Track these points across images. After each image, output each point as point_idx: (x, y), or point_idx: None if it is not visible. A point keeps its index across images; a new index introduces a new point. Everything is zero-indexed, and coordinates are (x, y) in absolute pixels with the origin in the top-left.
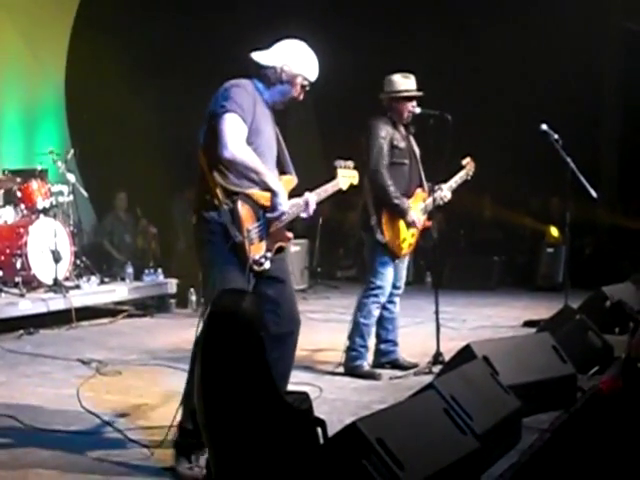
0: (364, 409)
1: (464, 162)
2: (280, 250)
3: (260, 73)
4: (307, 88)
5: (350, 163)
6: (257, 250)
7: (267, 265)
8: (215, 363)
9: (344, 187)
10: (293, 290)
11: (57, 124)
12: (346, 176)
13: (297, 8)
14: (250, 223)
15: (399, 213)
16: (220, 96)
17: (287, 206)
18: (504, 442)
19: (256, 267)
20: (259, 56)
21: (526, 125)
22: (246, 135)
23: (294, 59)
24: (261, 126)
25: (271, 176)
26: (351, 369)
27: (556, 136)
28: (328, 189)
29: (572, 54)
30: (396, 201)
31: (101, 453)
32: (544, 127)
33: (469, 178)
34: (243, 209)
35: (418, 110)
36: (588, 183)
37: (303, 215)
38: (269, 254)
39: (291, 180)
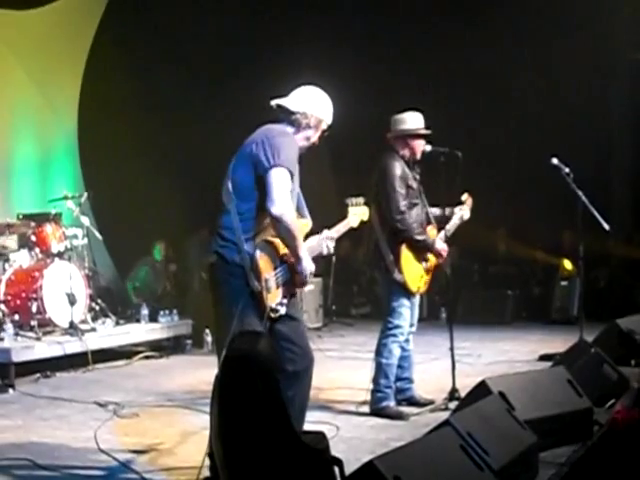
0: (381, 447)
1: (463, 198)
2: (294, 294)
3: (289, 119)
4: (326, 133)
5: (361, 200)
6: (274, 298)
7: (283, 311)
8: (232, 405)
9: (355, 225)
10: (305, 327)
11: (70, 167)
12: (357, 213)
13: (308, 50)
14: (268, 272)
15: (427, 247)
16: (269, 144)
17: (310, 267)
18: (521, 477)
19: (272, 314)
20: (286, 102)
21: (537, 160)
22: (293, 195)
23: (318, 104)
24: (297, 173)
25: (302, 244)
26: (378, 410)
27: (567, 170)
28: (340, 229)
29: (581, 87)
30: (421, 237)
31: None
32: (555, 161)
33: (468, 214)
34: (262, 259)
35: (429, 148)
36: (600, 215)
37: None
38: (285, 300)
39: (307, 225)
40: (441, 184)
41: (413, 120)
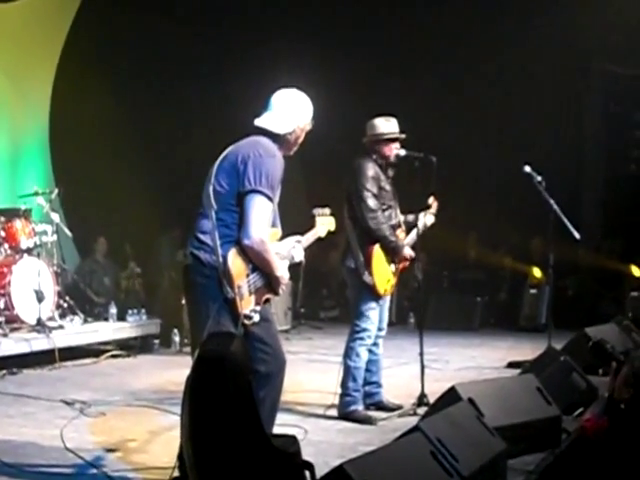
0: (349, 451)
1: (430, 201)
2: (268, 301)
3: (278, 139)
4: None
5: (327, 210)
6: (247, 304)
7: (256, 319)
8: (203, 406)
9: (323, 235)
10: (277, 329)
11: (41, 163)
12: (324, 223)
13: (283, 58)
14: (241, 279)
15: (395, 250)
16: (254, 163)
17: (285, 278)
18: None
19: (246, 321)
20: (271, 124)
21: (510, 167)
22: (270, 218)
23: (303, 114)
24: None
25: (276, 265)
26: (346, 414)
27: (539, 178)
28: (309, 238)
29: (554, 96)
30: (393, 238)
31: None
32: (527, 169)
33: (432, 219)
34: (234, 265)
35: (403, 152)
36: (571, 224)
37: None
38: (258, 307)
39: (276, 233)
40: (415, 189)
41: (386, 125)
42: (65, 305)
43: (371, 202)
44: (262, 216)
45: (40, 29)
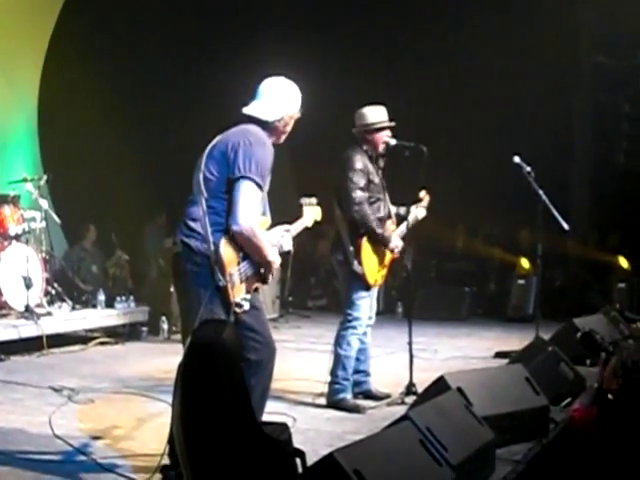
0: (338, 440)
1: (421, 195)
2: (257, 289)
3: (267, 127)
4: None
5: (313, 200)
6: (238, 292)
7: (247, 307)
8: (195, 393)
9: (310, 224)
10: (267, 317)
11: (30, 150)
12: (311, 213)
13: (269, 45)
14: (232, 267)
15: (382, 241)
16: (244, 151)
17: (276, 263)
18: (478, 473)
19: (237, 309)
20: (259, 112)
21: (499, 158)
22: (260, 208)
23: (291, 102)
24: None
25: (268, 250)
26: (335, 402)
27: (528, 168)
28: (297, 227)
29: (543, 87)
30: (379, 230)
31: None
32: (517, 159)
33: (425, 211)
34: (226, 253)
35: (394, 142)
36: (559, 215)
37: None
38: (249, 295)
39: (265, 222)
40: (405, 179)
41: (374, 114)
42: (53, 292)
43: (357, 195)
44: (251, 202)
45: (28, 15)
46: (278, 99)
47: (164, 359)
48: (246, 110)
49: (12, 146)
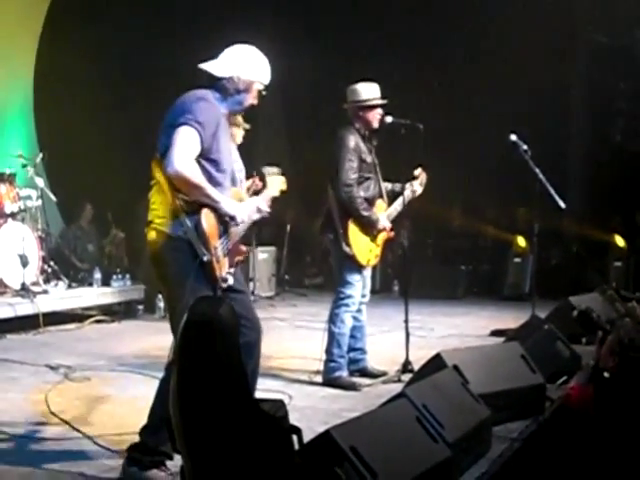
0: (334, 417)
1: (416, 172)
2: (237, 264)
3: (216, 85)
4: (263, 92)
5: (276, 169)
6: (222, 267)
7: (231, 281)
8: (191, 368)
9: (277, 194)
10: (251, 299)
11: (25, 127)
12: (275, 183)
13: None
14: (215, 240)
15: (369, 224)
16: (181, 107)
17: (243, 214)
18: (474, 451)
19: (223, 284)
20: (212, 67)
21: (495, 136)
22: (198, 151)
23: (248, 66)
24: (222, 141)
25: (213, 189)
26: (331, 380)
27: (525, 147)
28: (265, 197)
29: (541, 66)
30: (365, 213)
31: (69, 458)
32: (513, 137)
33: (421, 188)
34: (208, 225)
35: (390, 119)
36: (556, 193)
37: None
38: (232, 269)
39: (238, 192)
40: (401, 157)
41: (366, 91)
42: (49, 270)
43: (346, 175)
44: (187, 144)
45: None
46: (232, 59)
47: (160, 337)
48: (200, 65)
49: (8, 124)
